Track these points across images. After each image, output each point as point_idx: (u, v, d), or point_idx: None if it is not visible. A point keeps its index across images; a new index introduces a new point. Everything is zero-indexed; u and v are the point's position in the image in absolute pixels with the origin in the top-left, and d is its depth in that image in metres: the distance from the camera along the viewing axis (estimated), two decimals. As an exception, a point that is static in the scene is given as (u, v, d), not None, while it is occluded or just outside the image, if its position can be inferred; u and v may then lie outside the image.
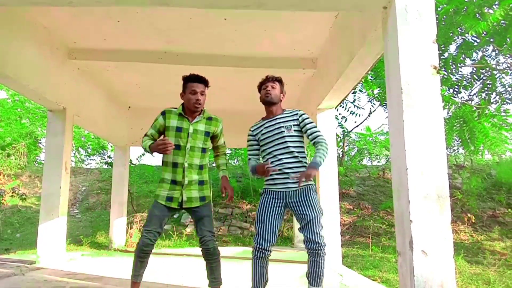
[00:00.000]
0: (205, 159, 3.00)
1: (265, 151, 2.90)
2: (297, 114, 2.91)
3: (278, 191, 2.80)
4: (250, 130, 3.04)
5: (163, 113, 2.96)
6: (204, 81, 2.93)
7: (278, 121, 2.90)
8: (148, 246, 2.82)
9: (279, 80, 3.01)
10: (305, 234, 2.73)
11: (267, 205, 2.79)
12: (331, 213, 5.33)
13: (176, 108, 2.98)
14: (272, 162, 2.81)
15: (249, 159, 3.01)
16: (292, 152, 2.81)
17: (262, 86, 2.99)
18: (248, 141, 3.04)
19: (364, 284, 4.23)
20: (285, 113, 2.94)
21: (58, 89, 5.25)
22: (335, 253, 5.14)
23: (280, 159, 2.80)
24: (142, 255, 2.84)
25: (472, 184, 9.77)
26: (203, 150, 2.96)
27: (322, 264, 2.73)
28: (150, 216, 2.90)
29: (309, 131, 2.86)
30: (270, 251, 2.78)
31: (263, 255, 2.75)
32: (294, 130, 2.86)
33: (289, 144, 2.82)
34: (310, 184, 2.81)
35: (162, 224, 2.91)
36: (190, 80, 2.91)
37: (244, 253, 6.53)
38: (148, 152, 2.89)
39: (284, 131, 2.84)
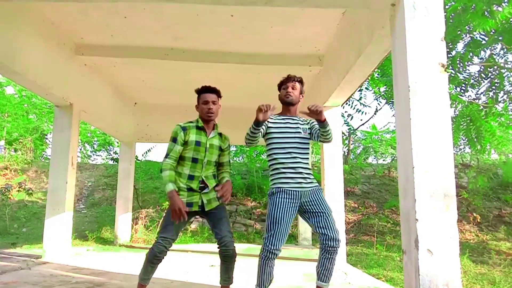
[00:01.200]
0: (216, 169, 3.10)
1: (278, 147, 2.84)
2: (309, 122, 2.95)
3: (293, 191, 2.75)
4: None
5: (184, 129, 2.95)
6: (214, 91, 3.01)
7: (297, 121, 2.91)
8: (162, 253, 2.85)
9: (300, 81, 2.96)
10: (323, 232, 2.73)
11: (282, 205, 2.73)
12: (335, 211, 5.30)
13: (191, 121, 3.01)
14: (286, 159, 2.79)
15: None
16: (306, 153, 2.85)
17: (282, 85, 2.95)
18: None
19: (368, 283, 4.23)
20: (301, 118, 2.95)
21: (65, 84, 5.28)
22: (339, 251, 5.12)
23: (295, 157, 2.79)
24: (155, 261, 2.87)
25: (478, 183, 9.71)
26: (215, 163, 3.05)
27: (335, 261, 2.78)
28: (167, 223, 2.88)
29: (316, 126, 2.88)
30: (280, 252, 2.76)
31: (273, 256, 2.72)
32: (308, 134, 2.90)
33: (304, 146, 2.85)
34: (319, 187, 2.86)
35: (179, 232, 2.97)
36: (202, 91, 3.01)
37: (249, 250, 6.54)
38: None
39: (301, 132, 2.86)
